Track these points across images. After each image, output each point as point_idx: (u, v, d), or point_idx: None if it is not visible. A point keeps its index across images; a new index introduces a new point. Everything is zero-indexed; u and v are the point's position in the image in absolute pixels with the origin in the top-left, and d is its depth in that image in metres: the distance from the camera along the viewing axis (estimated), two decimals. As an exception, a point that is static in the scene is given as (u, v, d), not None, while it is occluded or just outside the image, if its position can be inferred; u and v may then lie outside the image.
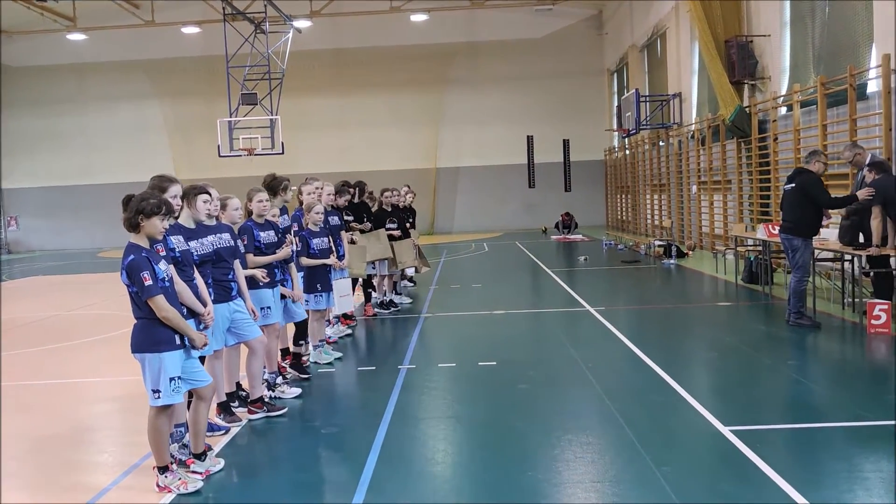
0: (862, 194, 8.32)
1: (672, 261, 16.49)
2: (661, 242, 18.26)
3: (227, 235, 5.77)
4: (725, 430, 5.20)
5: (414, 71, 33.03)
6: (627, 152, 28.91)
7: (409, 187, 13.11)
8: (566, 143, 31.46)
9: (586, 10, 32.68)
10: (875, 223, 8.33)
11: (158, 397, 4.55)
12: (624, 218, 29.70)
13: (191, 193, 5.39)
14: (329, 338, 8.65)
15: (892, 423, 5.26)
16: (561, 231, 28.11)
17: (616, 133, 28.45)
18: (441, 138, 33.64)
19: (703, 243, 19.47)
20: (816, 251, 9.33)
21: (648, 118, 23.22)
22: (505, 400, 6.39)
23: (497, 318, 10.52)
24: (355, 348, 8.87)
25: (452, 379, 7.24)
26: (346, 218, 9.96)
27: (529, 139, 31.96)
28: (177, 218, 5.19)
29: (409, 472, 4.83)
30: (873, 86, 11.48)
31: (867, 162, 8.79)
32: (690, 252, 18.20)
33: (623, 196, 29.82)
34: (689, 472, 4.56)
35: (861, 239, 8.86)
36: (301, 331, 7.37)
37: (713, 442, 5.08)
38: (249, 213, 6.62)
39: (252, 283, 6.24)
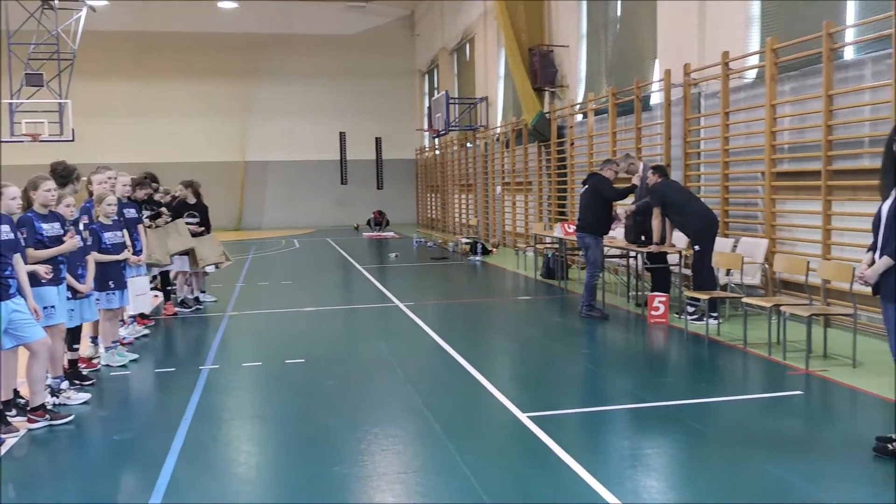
0: (621, 213, 9.88)
1: (478, 258, 17.13)
2: (467, 240, 18.91)
3: (6, 227, 5.24)
4: (523, 417, 5.48)
5: (222, 60, 31.77)
6: (437, 152, 29.62)
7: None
8: (378, 141, 31.74)
9: (399, 10, 33.08)
10: (655, 223, 9.17)
11: (-85, 408, 4.03)
12: (434, 216, 30.41)
13: (-42, 180, 4.82)
14: (123, 339, 8.11)
15: (666, 403, 5.80)
16: (373, 228, 28.27)
17: (426, 133, 29.09)
18: (250, 131, 32.64)
19: (506, 241, 20.39)
20: (606, 249, 10.09)
21: (457, 120, 23.93)
22: (312, 397, 6.32)
23: (306, 315, 10.38)
24: (153, 349, 8.37)
25: (258, 378, 7.06)
26: (144, 213, 9.44)
27: (342, 135, 31.91)
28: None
29: (211, 474, 4.64)
30: (656, 98, 12.58)
31: (640, 170, 9.72)
32: (495, 249, 18.99)
33: (433, 195, 30.53)
34: (489, 459, 4.75)
35: (644, 238, 9.70)
36: (74, 335, 6.73)
37: (512, 428, 5.33)
38: (30, 203, 6.03)
39: (34, 279, 5.69)
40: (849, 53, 8.65)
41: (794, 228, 9.25)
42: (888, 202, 4.56)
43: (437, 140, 28.70)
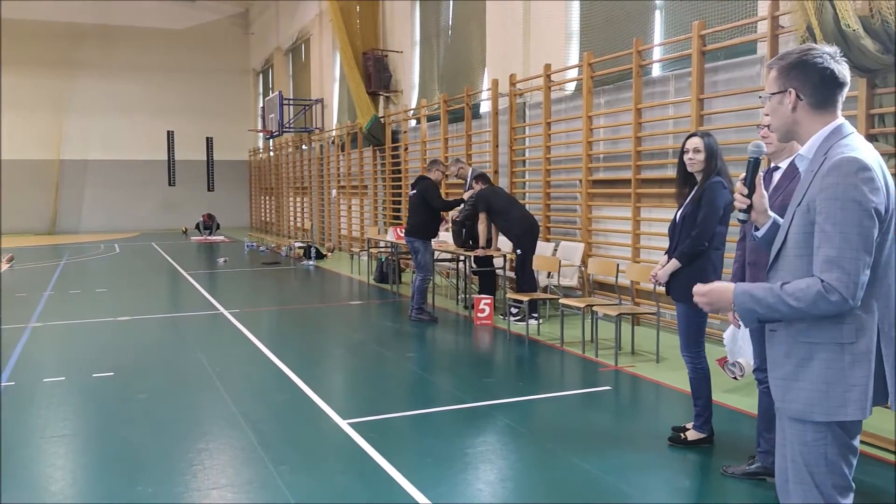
0: (454, 215, 10.09)
1: (311, 262, 16.84)
2: (301, 244, 18.55)
3: None
4: (343, 424, 5.40)
5: (33, 50, 29.30)
6: (272, 154, 28.92)
7: None
8: (209, 141, 30.54)
9: (233, 7, 32.03)
10: (481, 227, 9.41)
11: None
12: (268, 219, 29.66)
13: None
14: None
15: (486, 403, 5.94)
16: (202, 232, 27.11)
17: (260, 134, 28.33)
18: (66, 128, 30.32)
19: (341, 245, 20.22)
20: (436, 252, 10.22)
21: (292, 121, 23.47)
22: (120, 412, 5.90)
23: (121, 324, 9.73)
24: (-62, 366, 7.52)
25: (60, 394, 6.50)
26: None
27: (170, 134, 30.43)
28: None
29: (-7, 503, 4.20)
30: (485, 106, 12.94)
31: (469, 175, 9.98)
32: (329, 253, 18.77)
33: (267, 197, 29.77)
34: (305, 469, 4.63)
35: (472, 242, 9.91)
36: None
37: (332, 436, 5.23)
38: None
39: None
40: (656, 70, 9.29)
41: (608, 233, 9.80)
42: (681, 209, 4.91)
43: (271, 141, 28.01)
